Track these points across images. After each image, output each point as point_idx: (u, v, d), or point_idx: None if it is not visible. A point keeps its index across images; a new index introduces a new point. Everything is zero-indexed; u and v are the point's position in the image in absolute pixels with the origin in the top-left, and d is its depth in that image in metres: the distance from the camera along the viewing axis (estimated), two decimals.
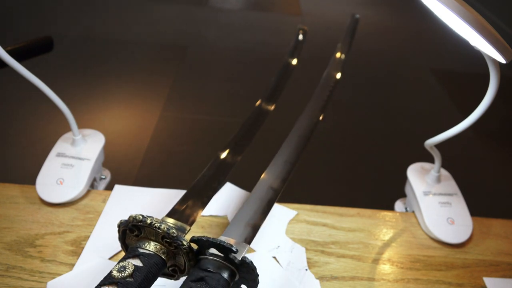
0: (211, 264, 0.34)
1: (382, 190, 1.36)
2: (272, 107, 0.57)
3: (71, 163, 0.57)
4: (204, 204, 0.42)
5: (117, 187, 0.58)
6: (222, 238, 0.37)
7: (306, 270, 0.49)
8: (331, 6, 2.99)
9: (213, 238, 0.34)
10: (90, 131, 0.63)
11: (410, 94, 2.05)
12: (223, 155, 0.47)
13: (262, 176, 0.45)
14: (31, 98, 1.62)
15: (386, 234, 0.56)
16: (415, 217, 0.59)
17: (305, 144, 0.50)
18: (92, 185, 0.61)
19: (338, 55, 0.68)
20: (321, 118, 0.53)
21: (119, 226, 0.37)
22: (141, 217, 0.35)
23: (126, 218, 0.53)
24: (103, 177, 0.65)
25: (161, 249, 0.35)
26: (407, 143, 1.65)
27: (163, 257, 0.35)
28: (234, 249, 0.33)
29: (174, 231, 0.34)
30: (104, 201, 0.56)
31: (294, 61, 0.69)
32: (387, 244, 0.54)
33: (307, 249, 0.52)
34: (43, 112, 1.58)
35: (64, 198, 0.54)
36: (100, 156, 0.61)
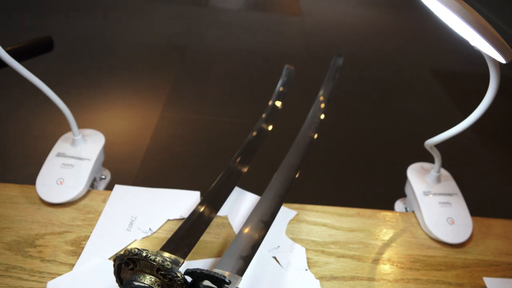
0: None
1: (382, 190, 1.36)
2: (246, 169, 0.57)
3: (71, 163, 0.57)
4: (197, 238, 0.43)
5: (117, 187, 0.58)
6: (216, 270, 0.38)
7: (306, 270, 0.49)
8: (331, 6, 3.00)
9: (206, 270, 0.35)
10: (90, 131, 0.63)
11: (410, 94, 2.05)
12: (203, 207, 0.48)
13: (253, 210, 0.47)
14: (31, 98, 1.62)
15: (386, 234, 0.56)
16: (415, 217, 0.59)
17: (294, 177, 0.52)
18: (92, 185, 0.61)
19: (318, 110, 0.66)
20: (297, 176, 0.55)
21: (114, 260, 0.37)
22: (136, 250, 0.35)
23: (126, 218, 0.53)
24: (103, 177, 0.65)
25: (156, 281, 0.36)
26: (407, 143, 1.65)
27: None
28: (227, 280, 0.34)
29: (168, 263, 0.35)
30: (104, 201, 0.56)
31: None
32: (387, 244, 0.54)
33: (307, 249, 0.52)
34: (43, 112, 1.58)
35: (64, 198, 0.54)
36: (100, 156, 0.61)
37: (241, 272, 0.38)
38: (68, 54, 2.05)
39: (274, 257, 0.50)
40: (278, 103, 0.68)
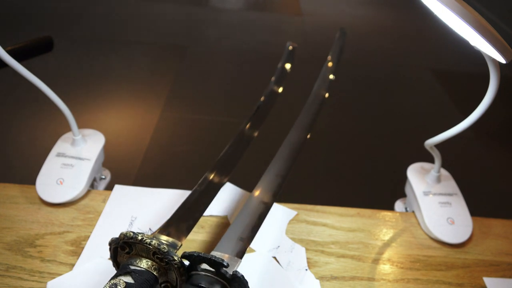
0: (202, 279, 0.34)
1: (382, 190, 1.36)
2: (256, 133, 0.56)
3: (71, 163, 0.57)
4: (195, 220, 0.42)
5: (117, 187, 0.58)
6: (214, 253, 0.37)
7: (306, 270, 0.49)
8: (331, 6, 2.99)
9: (204, 254, 0.34)
10: (90, 131, 0.63)
11: (410, 94, 2.05)
12: (211, 175, 0.47)
13: (254, 190, 0.45)
14: (31, 98, 1.62)
15: (386, 234, 0.56)
16: (415, 217, 0.59)
17: (296, 158, 0.51)
18: (92, 185, 0.61)
19: (327, 71, 0.67)
20: (308, 136, 0.54)
21: (110, 244, 0.37)
22: (132, 233, 0.35)
23: (126, 218, 0.54)
24: (103, 177, 0.65)
25: (153, 265, 0.35)
26: (407, 143, 1.65)
27: (154, 273, 0.35)
28: (225, 263, 0.33)
29: (165, 246, 0.34)
30: (104, 201, 0.56)
31: (286, 67, 0.68)
32: (387, 244, 0.54)
33: (307, 249, 0.52)
34: (43, 112, 1.58)
35: (64, 198, 0.54)
36: (100, 156, 0.61)
37: (240, 254, 0.38)
38: (68, 54, 2.05)
39: (274, 257, 0.50)
40: (288, 66, 0.69)
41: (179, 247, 0.37)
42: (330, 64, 0.67)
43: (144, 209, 0.55)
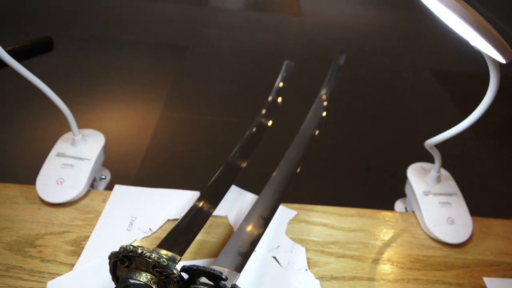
0: None
1: (382, 190, 1.36)
2: (245, 164, 0.57)
3: (71, 163, 0.57)
4: (194, 234, 0.43)
5: (117, 187, 0.58)
6: (213, 267, 0.38)
7: (306, 270, 0.49)
8: (331, 6, 2.99)
9: (203, 267, 0.34)
10: (90, 131, 0.63)
11: (410, 94, 2.05)
12: (201, 203, 0.48)
13: (253, 206, 0.46)
14: (31, 98, 1.62)
15: (386, 234, 0.56)
16: (415, 217, 0.59)
17: (293, 175, 0.52)
18: (92, 185, 0.61)
19: (320, 107, 0.66)
20: (298, 170, 0.55)
21: (110, 257, 0.37)
22: (132, 247, 0.35)
23: (126, 218, 0.54)
24: (103, 177, 0.65)
25: (152, 279, 0.35)
26: (407, 143, 1.65)
27: (154, 287, 0.35)
28: (223, 276, 0.34)
29: (164, 260, 0.35)
30: (104, 201, 0.56)
31: (279, 99, 0.68)
32: (387, 244, 0.54)
33: (307, 249, 0.52)
34: (43, 112, 1.58)
35: (64, 198, 0.54)
36: (100, 156, 0.61)
37: (239, 268, 0.38)
38: (68, 54, 2.05)
39: (274, 257, 0.50)
40: (278, 99, 0.68)
41: (178, 261, 0.38)
42: (324, 103, 0.66)
43: (144, 209, 0.55)
